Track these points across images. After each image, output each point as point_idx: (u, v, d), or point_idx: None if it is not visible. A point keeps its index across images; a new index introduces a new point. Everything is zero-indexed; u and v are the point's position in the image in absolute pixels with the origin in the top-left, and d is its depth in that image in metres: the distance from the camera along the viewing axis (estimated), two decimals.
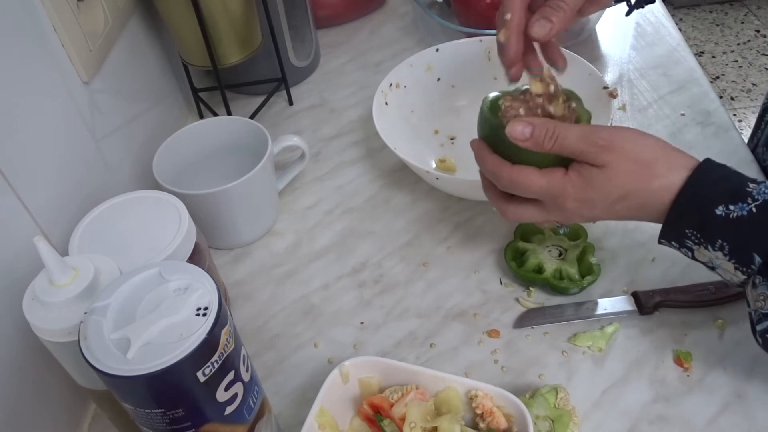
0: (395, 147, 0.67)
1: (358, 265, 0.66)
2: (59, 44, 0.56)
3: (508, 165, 0.50)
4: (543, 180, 0.48)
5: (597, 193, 0.47)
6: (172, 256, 0.48)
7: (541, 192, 0.49)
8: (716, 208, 0.44)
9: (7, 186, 0.48)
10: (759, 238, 0.43)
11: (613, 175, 0.47)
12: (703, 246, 0.46)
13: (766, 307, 0.44)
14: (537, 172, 0.49)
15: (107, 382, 0.35)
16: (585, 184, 0.47)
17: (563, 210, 0.49)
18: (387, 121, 0.71)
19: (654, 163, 0.46)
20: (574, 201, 0.48)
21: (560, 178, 0.48)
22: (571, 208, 0.49)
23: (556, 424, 0.50)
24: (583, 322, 0.58)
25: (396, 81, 0.75)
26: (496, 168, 0.50)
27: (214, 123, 0.70)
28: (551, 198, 0.49)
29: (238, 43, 0.73)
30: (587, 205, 0.48)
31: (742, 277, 0.45)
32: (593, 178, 0.47)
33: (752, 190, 0.44)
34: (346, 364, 0.50)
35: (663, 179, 0.46)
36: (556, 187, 0.48)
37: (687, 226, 0.46)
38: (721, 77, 2.32)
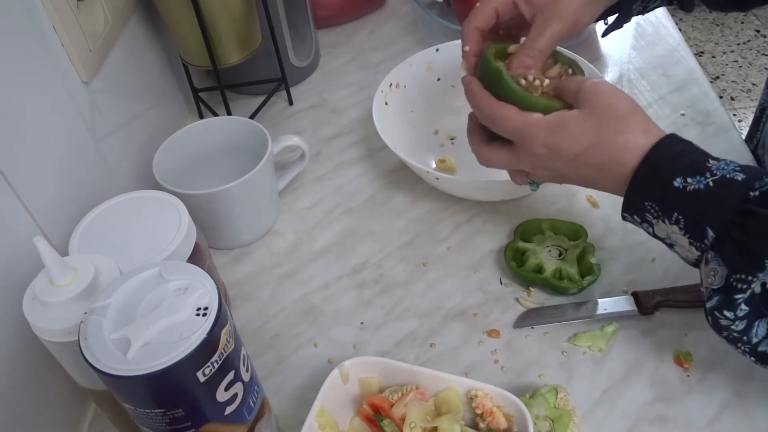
0: (395, 147, 0.67)
1: (358, 265, 0.66)
2: (59, 44, 0.56)
3: (494, 100, 0.51)
4: (519, 118, 0.50)
5: (565, 139, 0.48)
6: (172, 256, 0.48)
7: (514, 131, 0.50)
8: (674, 180, 0.44)
9: (7, 186, 0.48)
10: (713, 212, 0.43)
11: (586, 117, 0.48)
12: (661, 220, 0.46)
13: (716, 283, 0.43)
14: (516, 110, 0.50)
15: (107, 382, 0.35)
16: (558, 126, 0.49)
17: (531, 154, 0.50)
18: (387, 121, 0.71)
19: (627, 119, 0.47)
20: (542, 146, 0.49)
21: (536, 119, 0.49)
22: (539, 153, 0.50)
23: (556, 424, 0.50)
24: (583, 322, 0.58)
25: (396, 81, 0.75)
26: (482, 99, 0.52)
27: (214, 123, 0.70)
28: (522, 140, 0.50)
29: (238, 43, 0.73)
30: (554, 153, 0.49)
31: (696, 254, 0.45)
32: (567, 121, 0.48)
33: (711, 166, 0.44)
34: (346, 364, 0.50)
35: (630, 137, 0.47)
36: (529, 127, 0.49)
37: (646, 198, 0.46)
38: (721, 77, 2.32)
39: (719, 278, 0.43)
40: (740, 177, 0.43)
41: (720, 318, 0.44)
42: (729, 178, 0.43)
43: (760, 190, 0.42)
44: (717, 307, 0.44)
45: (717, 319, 0.44)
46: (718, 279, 0.43)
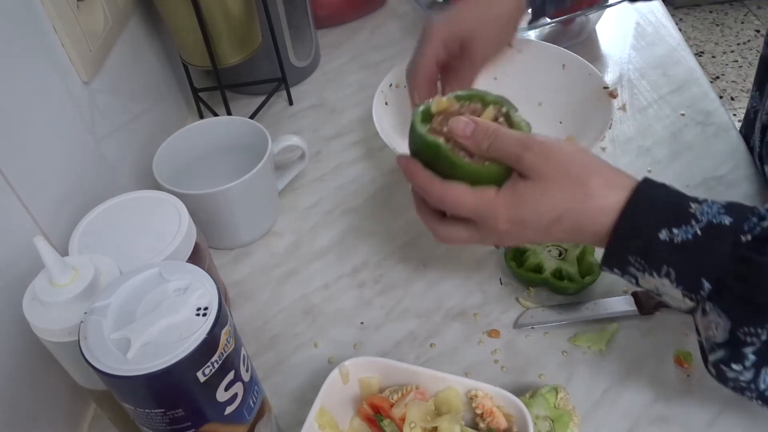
0: (395, 147, 0.67)
1: (358, 265, 0.66)
2: (59, 44, 0.56)
3: (438, 181, 0.48)
4: (473, 197, 0.47)
5: (529, 212, 0.45)
6: (172, 256, 0.48)
7: (471, 211, 0.47)
8: (659, 233, 0.41)
9: (7, 186, 0.48)
10: (706, 262, 0.41)
11: (546, 189, 0.44)
12: (648, 273, 0.43)
13: (719, 337, 0.41)
14: (467, 190, 0.47)
15: (107, 382, 0.35)
16: (517, 202, 0.45)
17: (496, 232, 0.47)
18: (387, 121, 0.71)
19: (588, 181, 0.44)
20: (506, 222, 0.46)
21: (491, 197, 0.46)
22: (503, 230, 0.46)
23: (556, 424, 0.50)
24: (583, 322, 0.58)
25: (396, 81, 0.75)
26: (427, 183, 0.49)
27: (214, 123, 0.70)
28: (482, 219, 0.47)
29: (238, 43, 0.73)
30: (520, 226, 0.46)
31: (691, 304, 0.43)
32: (526, 195, 0.45)
33: (695, 211, 0.42)
34: (346, 364, 0.50)
35: (599, 199, 0.44)
36: (487, 206, 0.46)
37: (630, 253, 0.43)
38: (721, 77, 2.32)
39: (722, 331, 0.41)
40: (727, 220, 0.41)
41: (726, 370, 0.42)
42: (716, 223, 0.41)
43: (751, 233, 0.40)
44: (723, 361, 0.42)
45: (722, 372, 0.42)
46: (721, 332, 0.41)
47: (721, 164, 0.70)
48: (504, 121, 0.50)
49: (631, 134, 0.76)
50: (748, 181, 0.68)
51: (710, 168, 0.70)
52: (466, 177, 0.47)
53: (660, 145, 0.74)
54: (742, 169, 0.69)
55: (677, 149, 0.73)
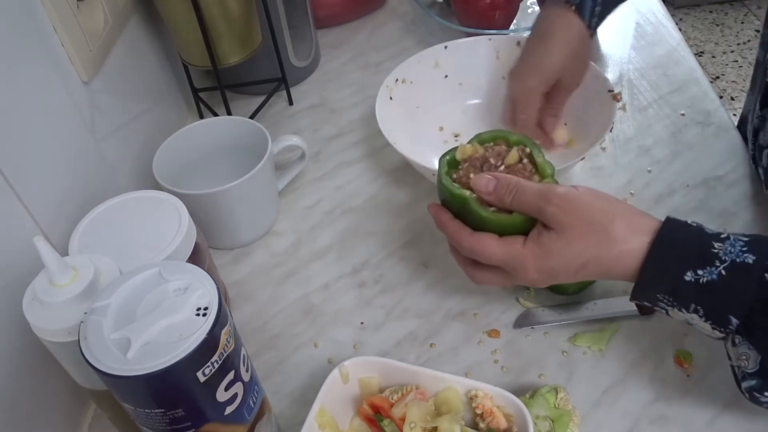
0: (395, 142, 0.67)
1: (358, 265, 0.66)
2: (59, 44, 0.56)
3: (467, 232, 0.50)
4: (501, 250, 0.48)
5: (557, 262, 0.47)
6: (172, 256, 0.48)
7: (501, 261, 0.49)
8: (685, 275, 0.43)
9: (7, 186, 0.48)
10: (732, 300, 0.42)
11: (570, 239, 0.46)
12: (676, 308, 0.44)
13: (750, 367, 0.43)
14: (496, 242, 0.48)
15: (107, 382, 0.35)
16: (544, 254, 0.47)
17: (527, 280, 0.49)
18: (390, 117, 0.71)
19: (610, 227, 0.45)
20: (535, 272, 0.47)
21: (519, 249, 0.47)
22: (534, 279, 0.48)
23: (556, 424, 0.49)
24: (583, 322, 0.58)
25: (402, 77, 0.75)
26: (457, 235, 0.50)
27: (214, 123, 0.70)
28: (512, 269, 0.48)
29: (238, 43, 0.73)
30: (550, 274, 0.48)
31: (721, 335, 0.44)
32: (551, 247, 0.46)
33: (718, 251, 0.43)
34: (346, 364, 0.50)
35: (623, 245, 0.45)
36: (515, 258, 0.48)
37: (657, 292, 0.45)
38: (721, 77, 2.32)
39: (753, 362, 0.43)
40: (750, 259, 0.42)
41: (759, 397, 0.44)
42: (740, 262, 0.42)
43: None
44: (756, 389, 0.44)
45: (756, 398, 0.44)
46: (752, 363, 0.43)
47: (721, 164, 0.70)
48: (528, 162, 0.52)
49: (631, 134, 0.76)
50: (748, 181, 0.68)
51: (710, 168, 0.70)
52: (493, 227, 0.49)
53: (660, 145, 0.74)
54: (742, 168, 0.69)
55: (677, 149, 0.73)
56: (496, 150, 0.53)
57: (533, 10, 0.94)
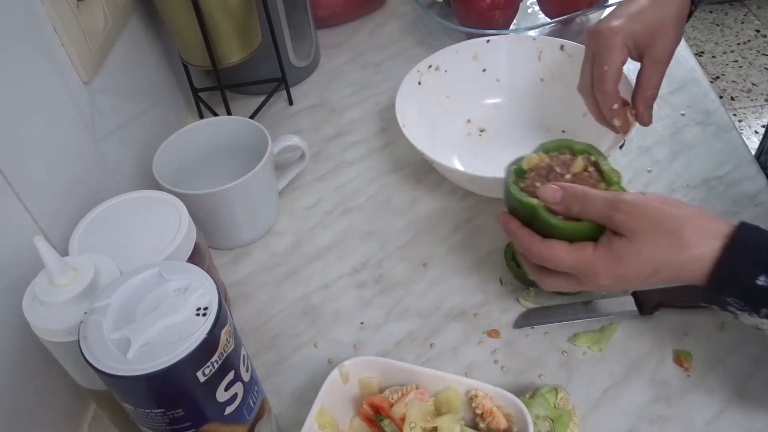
0: (405, 125, 0.67)
1: (358, 265, 0.66)
2: (59, 44, 0.56)
3: (538, 240, 0.50)
4: (572, 256, 0.48)
5: (628, 267, 0.46)
6: (172, 256, 0.48)
7: (571, 268, 0.48)
8: (757, 280, 0.43)
9: (7, 186, 0.48)
10: None
11: (641, 246, 0.46)
12: (747, 313, 0.45)
13: None
14: (566, 248, 0.48)
15: (107, 382, 0.35)
16: (615, 260, 0.47)
17: (598, 286, 0.48)
18: (414, 101, 0.72)
19: (681, 232, 0.45)
20: (606, 278, 0.47)
21: (590, 255, 0.47)
22: (605, 284, 0.48)
23: (556, 424, 0.49)
24: (583, 322, 0.58)
25: (437, 64, 0.75)
26: (527, 242, 0.50)
27: (214, 123, 0.70)
28: (583, 275, 0.48)
29: (238, 43, 0.73)
30: (621, 280, 0.47)
31: None
32: (622, 252, 0.46)
33: None
34: (346, 364, 0.50)
35: (693, 249, 0.44)
36: (586, 264, 0.48)
37: (728, 296, 0.45)
38: (721, 77, 2.32)
39: None
40: None
41: None
42: None
43: None
44: None
45: None
46: None
47: (721, 164, 0.70)
48: (594, 170, 0.52)
49: (631, 134, 0.75)
50: (748, 181, 0.68)
51: (710, 168, 0.70)
52: (562, 234, 0.49)
53: (660, 145, 0.74)
54: (742, 168, 0.69)
55: (677, 149, 0.73)
56: (561, 159, 0.53)
57: (533, 10, 0.94)
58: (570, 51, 0.74)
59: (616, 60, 0.58)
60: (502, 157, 0.61)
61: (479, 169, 0.72)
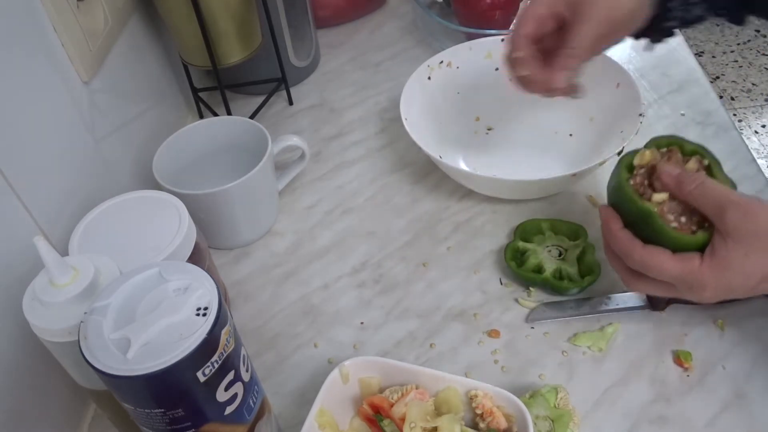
0: (407, 118, 0.68)
1: (358, 265, 0.66)
2: (59, 44, 0.56)
3: (640, 245, 0.48)
4: (677, 266, 0.46)
5: (735, 275, 0.45)
6: (172, 256, 0.48)
7: (674, 278, 0.47)
8: None
9: (7, 186, 0.48)
10: None
11: (749, 250, 0.44)
12: None
13: None
14: (671, 258, 0.46)
15: (107, 382, 0.35)
16: (723, 267, 0.45)
17: (702, 298, 0.47)
18: (422, 96, 0.72)
19: None
20: (713, 290, 0.46)
21: (697, 267, 0.45)
22: (709, 297, 0.46)
23: (556, 424, 0.50)
24: (583, 322, 0.58)
25: (449, 60, 0.75)
26: (628, 246, 0.48)
27: (214, 123, 0.70)
28: (687, 286, 0.47)
29: (238, 43, 0.73)
30: (727, 290, 0.46)
31: None
32: (730, 258, 0.44)
33: None
34: (346, 364, 0.50)
35: None
36: (692, 276, 0.46)
37: None
38: (721, 77, 2.32)
39: None
40: None
41: None
42: None
43: None
44: None
45: None
46: None
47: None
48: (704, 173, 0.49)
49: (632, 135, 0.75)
50: (748, 181, 0.68)
51: None
52: (670, 244, 0.47)
53: None
54: (742, 168, 0.69)
55: None
56: (673, 159, 0.51)
57: None
58: None
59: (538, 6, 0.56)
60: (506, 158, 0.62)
61: (483, 167, 0.72)
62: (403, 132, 0.68)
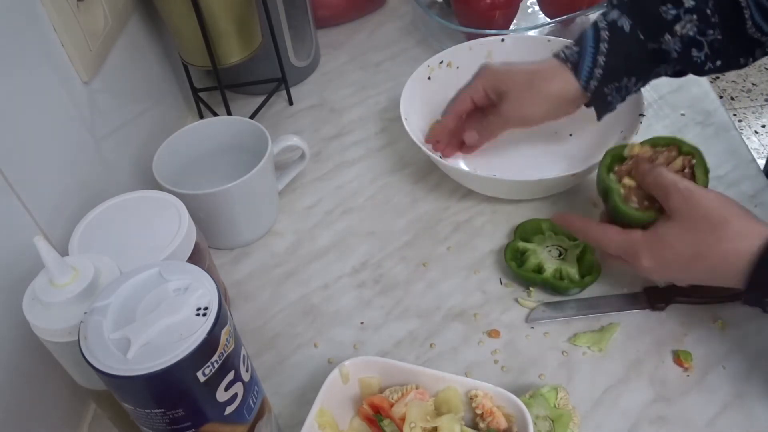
0: (407, 117, 0.68)
1: (358, 265, 0.66)
2: (59, 44, 0.56)
3: (593, 222, 0.55)
4: (621, 237, 0.52)
5: (669, 251, 0.49)
6: (172, 256, 0.48)
7: (619, 248, 0.52)
8: None
9: (7, 186, 0.48)
10: None
11: (685, 229, 0.49)
12: None
13: None
14: (617, 230, 0.53)
15: (107, 382, 0.35)
16: (659, 242, 0.50)
17: (642, 269, 0.51)
18: (422, 95, 0.72)
19: (724, 226, 0.47)
20: (649, 260, 0.50)
21: (637, 237, 0.51)
22: (647, 267, 0.51)
23: (556, 424, 0.50)
24: (584, 322, 0.58)
25: (449, 60, 0.76)
26: (583, 225, 0.56)
27: (214, 123, 0.70)
28: (629, 255, 0.52)
29: (238, 43, 0.73)
30: (662, 264, 0.50)
31: None
32: (666, 234, 0.49)
33: None
34: (346, 364, 0.50)
35: (730, 245, 0.47)
36: (630, 245, 0.51)
37: (765, 296, 0.47)
38: (721, 77, 2.31)
39: None
40: None
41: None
42: None
43: None
44: None
45: None
46: None
47: (721, 164, 0.70)
48: (689, 173, 0.54)
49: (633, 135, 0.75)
50: (748, 181, 0.68)
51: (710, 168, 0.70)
52: (625, 218, 0.54)
53: None
54: (742, 168, 0.69)
55: None
56: (666, 154, 0.55)
57: (533, 10, 0.94)
58: None
59: (468, 90, 0.67)
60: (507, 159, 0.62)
61: (483, 168, 0.72)
62: (403, 132, 0.68)
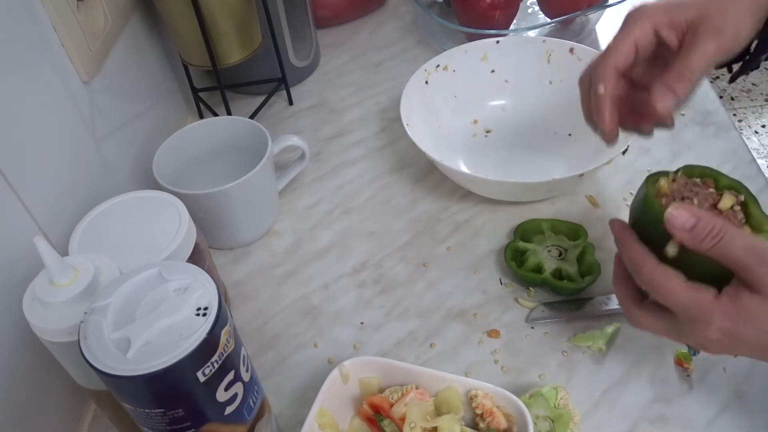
0: (408, 124, 0.68)
1: (358, 265, 0.66)
2: (59, 44, 0.56)
3: (653, 260, 0.43)
4: (686, 294, 0.41)
5: (750, 328, 0.40)
6: (172, 256, 0.48)
7: (680, 306, 0.42)
8: None
9: (7, 186, 0.48)
10: None
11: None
12: None
13: None
14: (684, 282, 0.41)
15: (107, 382, 0.35)
16: (738, 315, 0.40)
17: (702, 338, 0.42)
18: (420, 100, 0.72)
19: None
20: (719, 332, 0.41)
21: (709, 300, 0.41)
22: (712, 339, 0.41)
23: (556, 424, 0.50)
24: (584, 322, 0.58)
25: (445, 63, 0.76)
26: (639, 258, 0.43)
27: (214, 123, 0.70)
28: (690, 319, 0.41)
29: (238, 43, 0.73)
30: (734, 340, 0.41)
31: None
32: (750, 309, 0.39)
33: None
34: (346, 364, 0.50)
35: None
36: (700, 307, 0.41)
37: None
38: (721, 77, 2.32)
39: None
40: None
41: None
42: None
43: None
44: None
45: None
46: None
47: (721, 164, 0.70)
48: (740, 210, 0.45)
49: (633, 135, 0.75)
50: (748, 181, 0.67)
51: None
52: (690, 269, 0.42)
53: (660, 145, 0.73)
54: (742, 169, 0.69)
55: (677, 149, 0.73)
56: (704, 193, 0.46)
57: (533, 10, 0.94)
58: (579, 54, 0.74)
59: (631, 36, 0.48)
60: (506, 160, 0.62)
61: (483, 170, 0.72)
62: (403, 132, 0.68)
